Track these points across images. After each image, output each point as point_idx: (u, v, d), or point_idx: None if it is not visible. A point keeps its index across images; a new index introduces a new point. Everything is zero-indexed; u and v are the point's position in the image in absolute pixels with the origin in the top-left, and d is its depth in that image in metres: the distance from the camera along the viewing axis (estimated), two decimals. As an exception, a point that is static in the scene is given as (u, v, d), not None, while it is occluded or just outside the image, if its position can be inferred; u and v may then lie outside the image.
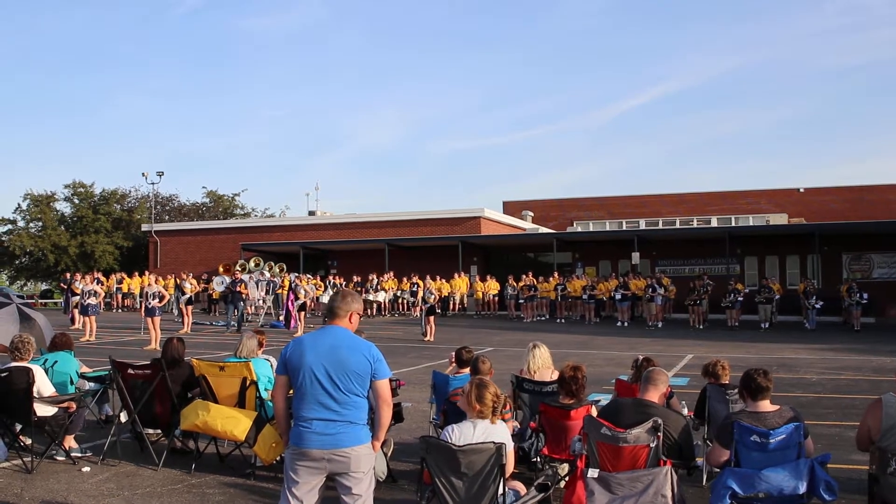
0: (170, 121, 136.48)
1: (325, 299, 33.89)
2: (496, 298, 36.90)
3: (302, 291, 27.79)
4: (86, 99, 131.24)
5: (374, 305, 36.32)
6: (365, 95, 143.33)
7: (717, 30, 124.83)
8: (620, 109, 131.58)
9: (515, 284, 35.25)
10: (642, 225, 52.38)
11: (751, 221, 47.34)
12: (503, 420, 6.14)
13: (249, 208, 66.19)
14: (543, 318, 34.22)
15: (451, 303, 37.16)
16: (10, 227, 55.66)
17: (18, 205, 59.82)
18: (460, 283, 37.54)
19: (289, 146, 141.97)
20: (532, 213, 55.18)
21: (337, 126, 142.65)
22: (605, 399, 8.90)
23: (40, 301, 50.39)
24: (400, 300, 37.45)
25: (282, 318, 29.64)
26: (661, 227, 49.72)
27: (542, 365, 8.72)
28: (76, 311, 28.21)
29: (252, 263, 35.60)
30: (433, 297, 26.23)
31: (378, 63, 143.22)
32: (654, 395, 6.37)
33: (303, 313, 27.64)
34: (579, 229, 50.55)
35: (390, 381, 5.44)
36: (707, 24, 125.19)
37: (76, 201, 56.27)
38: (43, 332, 11.50)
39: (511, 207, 57.35)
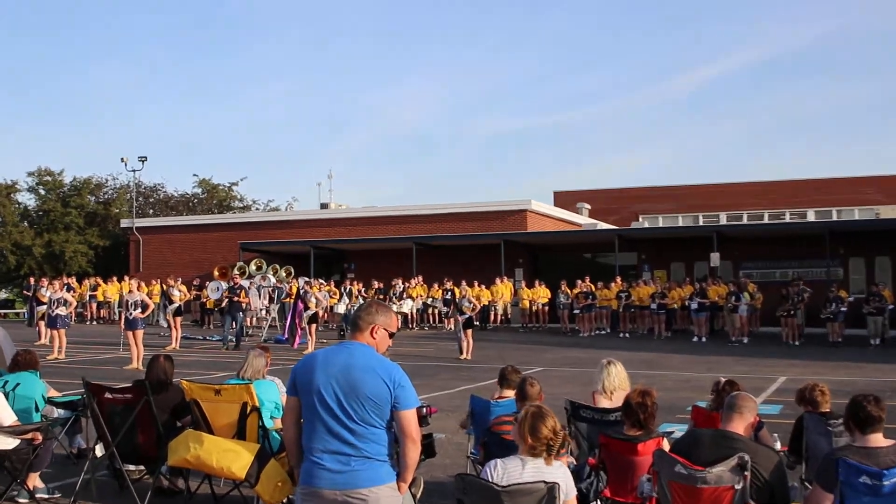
0: (154, 95, 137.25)
1: (341, 309, 34.01)
2: (546, 308, 36.86)
3: (313, 300, 27.88)
4: (52, 69, 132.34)
5: (400, 317, 36.36)
6: (390, 65, 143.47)
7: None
8: (695, 80, 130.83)
9: (569, 291, 35.20)
10: (723, 219, 52.06)
11: (856, 215, 47.00)
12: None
13: (249, 200, 66.70)
14: (603, 332, 34.20)
15: (493, 313, 37.21)
16: (-38, 223, 56.32)
17: (-29, 196, 60.37)
18: (503, 290, 37.52)
19: (297, 126, 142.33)
20: (589, 206, 55.10)
21: (355, 102, 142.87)
22: (679, 430, 8.85)
23: (-1, 312, 51.00)
24: (430, 310, 37.54)
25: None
26: (745, 221, 49.43)
27: (620, 385, 8.74)
28: (42, 324, 28.48)
29: (253, 266, 35.77)
30: (471, 306, 26.20)
31: (405, 28, 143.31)
32: (740, 426, 6.31)
33: (314, 326, 27.72)
34: (646, 225, 50.37)
35: (419, 409, 5.40)
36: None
37: (42, 192, 56.86)
38: (2, 348, 11.58)
39: (564, 199, 57.27)
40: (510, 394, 8.69)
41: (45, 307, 27.47)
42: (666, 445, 6.82)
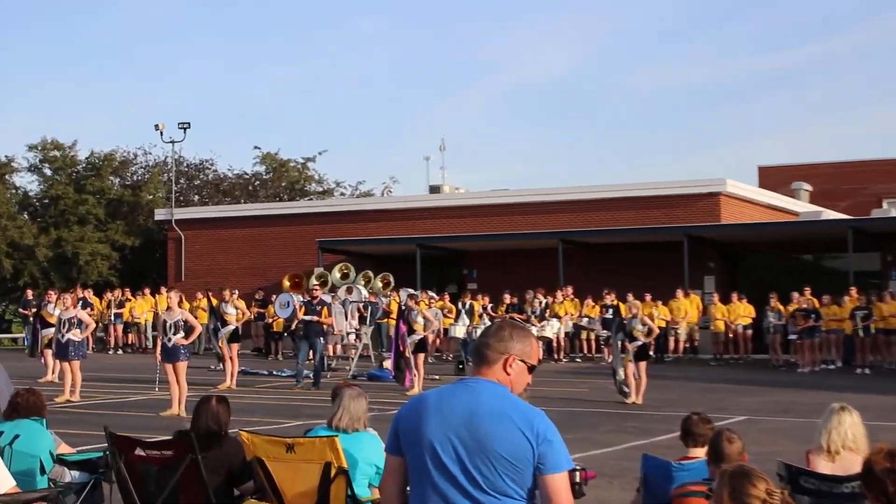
0: (200, 42, 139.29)
1: (459, 332, 34.09)
2: (749, 333, 36.56)
3: (419, 320, 28.00)
4: (65, 6, 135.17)
5: (542, 344, 36.31)
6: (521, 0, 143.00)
7: None
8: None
9: (782, 309, 35.01)
10: None
11: None
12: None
13: (331, 182, 67.07)
14: (832, 366, 33.86)
15: (673, 339, 37.13)
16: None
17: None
18: (687, 307, 37.36)
19: (395, 82, 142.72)
20: (810, 187, 54.53)
21: (474, 49, 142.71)
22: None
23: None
24: (584, 335, 37.47)
25: (387, 364, 29.89)
26: None
27: (853, 443, 8.61)
28: (49, 353, 29.06)
29: (337, 273, 36.18)
30: (644, 330, 26.08)
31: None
32: None
33: (422, 355, 27.78)
34: (893, 213, 49.60)
35: (571, 473, 5.38)
36: None
37: (48, 172, 57.96)
38: (-6, 386, 11.81)
39: (772, 176, 56.78)
40: (699, 453, 8.63)
41: (52, 330, 27.98)
42: (927, 530, 6.71)
